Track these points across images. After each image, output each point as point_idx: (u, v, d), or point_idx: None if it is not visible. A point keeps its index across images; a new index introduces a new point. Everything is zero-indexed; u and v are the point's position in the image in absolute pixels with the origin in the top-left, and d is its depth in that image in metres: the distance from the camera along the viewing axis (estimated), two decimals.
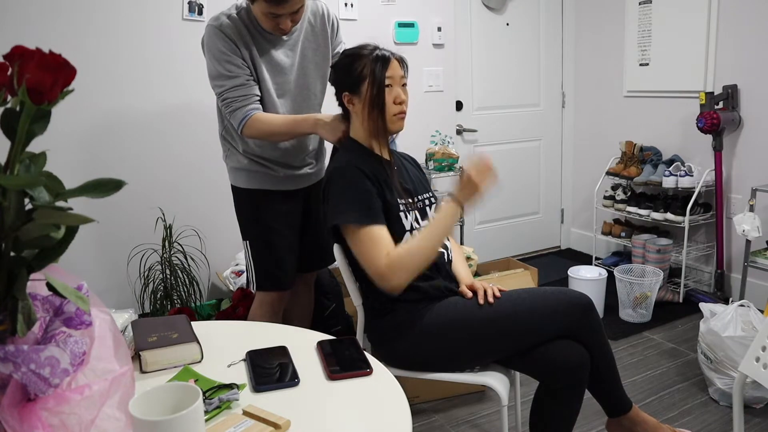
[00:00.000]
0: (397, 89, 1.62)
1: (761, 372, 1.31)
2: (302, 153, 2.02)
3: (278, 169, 1.98)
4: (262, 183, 1.99)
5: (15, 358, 0.63)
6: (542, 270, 3.15)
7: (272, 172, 1.98)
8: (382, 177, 1.59)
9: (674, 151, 3.49)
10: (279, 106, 1.93)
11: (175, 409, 0.77)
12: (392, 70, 1.61)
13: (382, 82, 1.59)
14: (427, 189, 1.75)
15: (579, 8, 4.02)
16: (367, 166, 1.58)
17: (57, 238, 0.67)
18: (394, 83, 1.61)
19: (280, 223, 2.00)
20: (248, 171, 1.99)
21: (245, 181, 2.00)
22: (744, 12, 3.08)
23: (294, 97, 1.97)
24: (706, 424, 2.17)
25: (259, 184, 1.99)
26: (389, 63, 1.61)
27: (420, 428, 2.20)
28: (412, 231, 1.60)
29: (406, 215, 1.60)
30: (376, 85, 1.58)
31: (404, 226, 1.59)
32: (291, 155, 1.99)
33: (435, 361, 1.57)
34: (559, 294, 1.56)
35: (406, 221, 1.60)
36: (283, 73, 1.93)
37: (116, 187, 0.66)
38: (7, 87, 0.62)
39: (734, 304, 2.23)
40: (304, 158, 2.03)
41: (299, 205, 2.06)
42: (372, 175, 1.57)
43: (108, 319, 0.79)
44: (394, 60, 1.62)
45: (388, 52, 1.63)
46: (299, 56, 1.95)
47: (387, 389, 1.01)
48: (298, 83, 1.97)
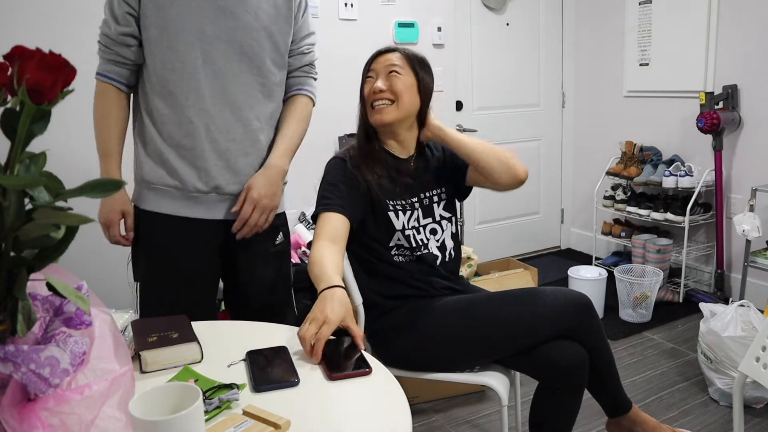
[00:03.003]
0: (376, 80, 1.57)
1: (761, 372, 1.31)
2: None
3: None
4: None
5: (15, 358, 0.63)
6: (542, 270, 3.15)
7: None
8: (380, 174, 1.58)
9: (674, 151, 3.49)
10: (200, 78, 1.44)
11: (175, 409, 0.77)
12: (378, 63, 1.59)
13: (363, 75, 1.59)
14: (440, 182, 1.68)
15: (579, 8, 4.02)
16: (364, 161, 1.58)
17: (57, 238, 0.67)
18: (377, 74, 1.58)
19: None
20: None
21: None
22: (744, 12, 3.08)
23: (227, 66, 1.47)
24: (706, 424, 2.17)
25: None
26: (376, 57, 1.59)
27: (420, 428, 2.20)
28: (404, 231, 1.60)
29: (397, 214, 1.59)
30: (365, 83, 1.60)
31: (394, 225, 1.58)
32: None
33: (435, 361, 1.57)
34: (559, 294, 1.56)
35: (397, 221, 1.59)
36: (215, 15, 1.43)
37: (116, 187, 0.66)
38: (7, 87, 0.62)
39: (734, 304, 2.23)
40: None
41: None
42: (362, 172, 1.57)
43: (108, 319, 0.79)
44: (386, 53, 1.59)
45: (385, 47, 1.62)
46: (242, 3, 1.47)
47: (387, 389, 1.01)
48: (237, 39, 1.47)
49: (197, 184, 1.50)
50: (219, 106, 1.48)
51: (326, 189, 1.56)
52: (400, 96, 1.56)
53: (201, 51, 1.44)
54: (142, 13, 1.43)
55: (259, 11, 1.48)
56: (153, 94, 1.48)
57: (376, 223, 1.58)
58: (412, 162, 1.66)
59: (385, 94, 1.56)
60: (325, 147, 3.21)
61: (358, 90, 1.64)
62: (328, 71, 3.13)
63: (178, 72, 1.45)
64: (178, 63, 1.44)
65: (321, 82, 3.12)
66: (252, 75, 1.51)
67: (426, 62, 1.63)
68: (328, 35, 3.12)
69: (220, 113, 1.49)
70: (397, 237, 1.59)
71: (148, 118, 1.50)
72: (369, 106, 1.59)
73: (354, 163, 1.58)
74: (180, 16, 1.41)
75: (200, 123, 1.47)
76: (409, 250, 1.60)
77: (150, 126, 1.49)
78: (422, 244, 1.62)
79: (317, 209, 1.54)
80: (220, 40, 1.46)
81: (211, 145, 1.49)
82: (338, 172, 1.58)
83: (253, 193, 1.52)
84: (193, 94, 1.46)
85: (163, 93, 1.46)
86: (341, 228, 1.49)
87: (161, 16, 1.41)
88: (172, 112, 1.47)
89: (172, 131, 1.48)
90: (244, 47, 1.49)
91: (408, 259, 1.61)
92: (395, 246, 1.60)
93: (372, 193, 1.57)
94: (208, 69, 1.46)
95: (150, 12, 1.42)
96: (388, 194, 1.59)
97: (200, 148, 1.49)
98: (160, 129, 1.49)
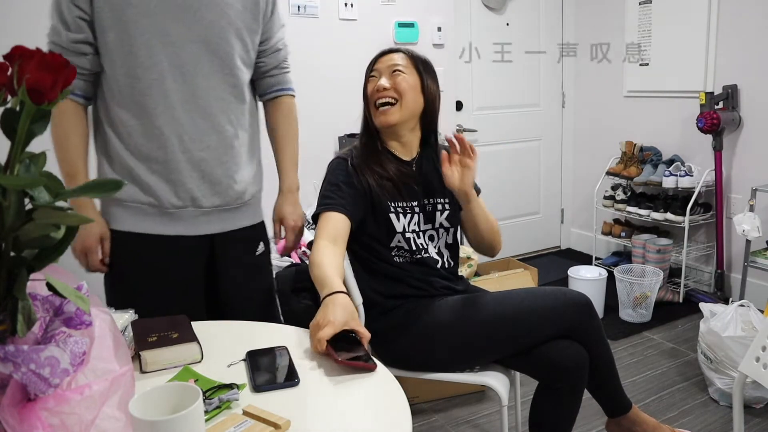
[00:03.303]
0: (379, 79, 1.57)
1: (761, 372, 1.31)
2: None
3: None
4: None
5: (15, 358, 0.63)
6: (542, 270, 3.15)
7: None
8: (382, 175, 1.58)
9: (674, 151, 3.49)
10: (165, 75, 1.34)
11: (175, 409, 0.77)
12: (381, 62, 1.59)
13: (366, 75, 1.59)
14: (446, 193, 1.63)
15: (579, 8, 4.02)
16: (366, 161, 1.58)
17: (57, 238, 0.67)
18: (380, 73, 1.58)
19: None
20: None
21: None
22: (744, 12, 3.08)
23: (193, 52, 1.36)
24: (706, 424, 2.17)
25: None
26: (380, 57, 1.59)
27: (420, 428, 2.20)
28: (405, 233, 1.59)
29: (398, 217, 1.59)
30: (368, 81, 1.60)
31: (395, 227, 1.58)
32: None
33: (435, 361, 1.57)
34: (559, 294, 1.56)
35: (398, 223, 1.59)
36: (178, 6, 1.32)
37: (116, 187, 0.66)
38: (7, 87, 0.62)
39: (734, 304, 2.23)
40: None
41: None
42: (363, 172, 1.56)
43: (108, 319, 0.80)
44: (390, 53, 1.59)
45: (389, 48, 1.62)
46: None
47: (387, 389, 1.01)
48: (205, 38, 1.37)
49: (173, 199, 1.40)
50: (190, 112, 1.37)
51: (328, 189, 1.56)
52: (403, 94, 1.55)
53: (166, 54, 1.33)
54: (96, 17, 1.29)
55: (225, 7, 1.38)
56: (115, 104, 1.36)
57: (377, 223, 1.58)
58: (414, 164, 1.66)
59: (389, 92, 1.55)
60: (325, 147, 3.21)
61: (358, 90, 1.64)
62: (328, 71, 3.14)
63: (142, 79, 1.32)
64: (142, 69, 1.32)
65: (321, 83, 3.14)
66: (223, 76, 1.41)
67: (430, 64, 1.63)
68: (328, 35, 3.12)
69: (191, 120, 1.38)
70: (398, 239, 1.59)
71: (112, 130, 1.38)
72: (373, 107, 1.59)
73: (356, 164, 1.58)
74: (139, 17, 1.29)
75: (171, 133, 1.36)
76: (409, 253, 1.60)
77: (114, 139, 1.38)
78: (422, 248, 1.62)
79: (318, 209, 1.55)
80: (186, 40, 1.34)
81: (185, 156, 1.38)
82: (340, 172, 1.58)
83: (290, 222, 1.62)
84: (161, 102, 1.34)
85: (128, 103, 1.34)
86: (342, 227, 1.49)
87: (118, 18, 1.28)
88: (139, 123, 1.35)
89: (140, 144, 1.36)
90: (212, 47, 1.38)
91: (408, 261, 1.61)
92: (396, 247, 1.60)
93: (373, 194, 1.57)
94: (176, 73, 1.34)
95: (105, 15, 1.28)
96: (390, 196, 1.59)
97: (173, 160, 1.38)
98: (126, 142, 1.37)
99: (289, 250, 1.69)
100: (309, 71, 3.09)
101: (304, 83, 3.08)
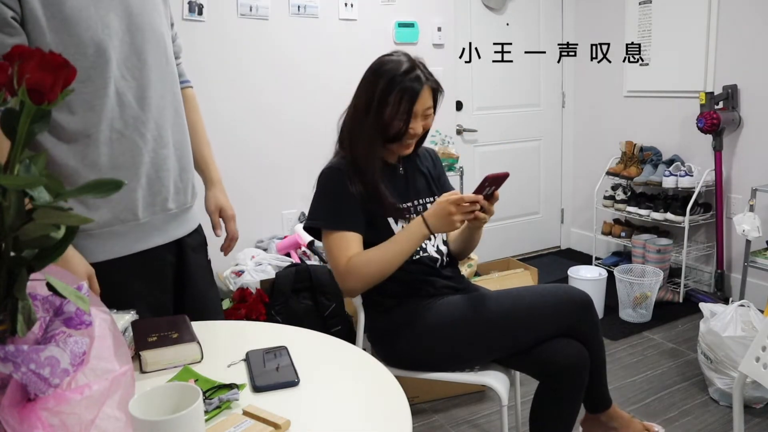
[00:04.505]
0: (416, 124, 1.53)
1: (761, 372, 1.31)
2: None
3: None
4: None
5: (15, 358, 0.63)
6: (542, 270, 3.15)
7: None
8: (373, 181, 1.56)
9: (674, 151, 3.49)
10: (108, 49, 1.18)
11: (175, 409, 0.77)
12: (419, 104, 1.51)
13: (406, 116, 1.50)
14: (433, 191, 1.69)
15: (579, 8, 4.02)
16: (357, 170, 1.56)
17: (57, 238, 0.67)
18: (416, 116, 1.53)
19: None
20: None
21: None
22: (744, 12, 3.08)
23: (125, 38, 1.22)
24: (706, 424, 2.17)
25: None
26: (418, 96, 1.50)
27: (420, 428, 2.20)
28: None
29: (396, 220, 1.59)
30: (397, 118, 1.51)
31: (393, 230, 1.58)
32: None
33: (435, 360, 1.57)
34: (559, 291, 1.56)
35: (396, 225, 1.59)
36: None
37: (116, 188, 0.66)
38: (7, 87, 0.62)
39: (734, 304, 2.23)
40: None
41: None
42: (359, 180, 1.55)
43: (108, 319, 0.79)
44: (426, 89, 1.52)
45: (423, 76, 1.52)
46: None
47: (387, 389, 1.01)
48: (145, 26, 1.26)
49: (147, 208, 1.29)
50: (145, 110, 1.26)
51: (332, 203, 1.55)
52: (426, 134, 1.64)
53: (113, 49, 1.19)
54: (27, 16, 1.11)
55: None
56: (61, 114, 1.17)
57: (376, 228, 1.58)
58: (401, 166, 1.67)
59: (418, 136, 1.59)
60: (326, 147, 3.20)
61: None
62: (328, 71, 3.14)
63: (94, 80, 1.18)
64: (93, 70, 1.17)
65: (321, 83, 3.13)
66: (166, 65, 1.31)
67: (443, 91, 1.62)
68: (328, 35, 3.12)
69: (150, 118, 1.27)
70: None
71: (60, 148, 1.19)
72: (397, 137, 1.55)
73: (349, 174, 1.56)
74: (78, 11, 1.14)
75: (133, 134, 1.25)
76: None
77: (66, 157, 1.19)
78: (421, 248, 1.62)
79: (329, 224, 1.53)
80: (128, 30, 1.21)
81: (149, 157, 1.28)
82: (338, 184, 1.55)
83: (229, 212, 1.56)
84: (117, 104, 1.21)
85: (78, 111, 1.18)
86: (359, 248, 1.53)
87: (53, 14, 1.12)
88: (98, 131, 1.20)
89: (101, 153, 1.21)
90: (156, 35, 1.28)
91: (408, 261, 1.61)
92: None
93: (371, 202, 1.56)
94: (124, 69, 1.22)
95: (37, 13, 1.11)
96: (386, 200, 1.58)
97: (139, 163, 1.26)
98: (84, 156, 1.20)
99: (231, 247, 1.58)
100: (309, 71, 3.09)
101: (304, 83, 3.10)
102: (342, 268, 1.50)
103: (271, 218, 3.08)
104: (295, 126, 3.10)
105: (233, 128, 2.92)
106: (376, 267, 1.49)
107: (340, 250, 1.51)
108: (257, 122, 3.00)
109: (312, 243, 2.82)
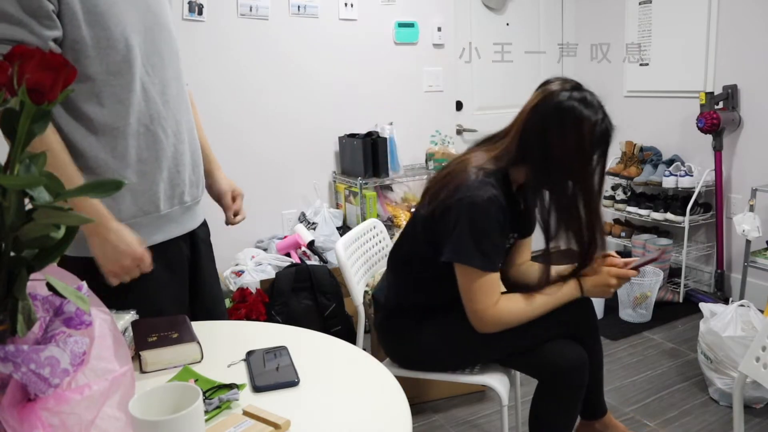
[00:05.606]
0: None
1: (761, 372, 1.31)
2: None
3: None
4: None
5: (15, 358, 0.63)
6: None
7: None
8: (508, 218, 1.48)
9: (674, 151, 3.49)
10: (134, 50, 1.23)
11: (175, 409, 0.77)
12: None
13: (602, 169, 1.47)
14: (516, 227, 1.62)
15: (579, 8, 4.02)
16: (505, 206, 1.47)
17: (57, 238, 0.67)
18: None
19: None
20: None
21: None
22: (744, 12, 3.08)
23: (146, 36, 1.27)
24: (706, 424, 2.17)
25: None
26: (610, 142, 1.48)
27: (420, 428, 2.20)
28: None
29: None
30: (596, 172, 1.47)
31: None
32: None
33: (435, 360, 1.57)
34: None
35: None
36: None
37: (116, 188, 0.66)
38: (7, 87, 0.62)
39: (734, 304, 2.23)
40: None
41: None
42: (505, 217, 1.46)
43: (108, 319, 0.79)
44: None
45: (609, 120, 1.50)
46: None
47: (387, 389, 1.01)
48: (162, 23, 1.31)
49: (167, 201, 1.33)
50: (166, 106, 1.31)
51: (487, 239, 1.43)
52: None
53: (138, 45, 1.24)
54: (64, 11, 1.14)
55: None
56: (91, 106, 1.20)
57: None
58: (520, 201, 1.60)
59: None
60: (326, 147, 3.21)
61: (357, 90, 1.64)
62: (328, 71, 3.14)
63: (124, 75, 1.22)
64: (123, 64, 1.21)
65: (321, 83, 3.14)
66: (177, 63, 1.36)
67: None
68: (328, 35, 3.12)
69: (170, 114, 1.32)
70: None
71: (89, 140, 1.22)
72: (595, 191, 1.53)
73: (503, 209, 1.46)
74: (109, 6, 1.18)
75: (157, 129, 1.29)
76: None
77: (95, 149, 1.22)
78: None
79: (485, 266, 1.43)
80: (150, 28, 1.27)
81: (170, 151, 1.32)
82: (498, 221, 1.44)
83: (238, 190, 1.58)
84: (143, 99, 1.26)
85: (108, 104, 1.21)
86: (500, 284, 1.51)
87: (89, 9, 1.16)
88: (127, 125, 1.24)
89: (129, 146, 1.25)
90: (170, 33, 1.33)
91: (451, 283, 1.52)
92: None
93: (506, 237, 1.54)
94: (148, 66, 1.27)
95: (75, 7, 1.15)
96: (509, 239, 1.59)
97: (162, 157, 1.30)
98: (113, 148, 1.24)
99: (238, 220, 1.59)
100: (309, 71, 3.09)
101: (304, 83, 3.10)
102: (487, 314, 1.44)
103: (271, 218, 3.08)
104: (295, 126, 3.10)
105: (233, 128, 2.92)
106: (518, 320, 1.46)
107: (487, 295, 1.44)
108: (257, 122, 3.00)
109: (312, 243, 2.82)
